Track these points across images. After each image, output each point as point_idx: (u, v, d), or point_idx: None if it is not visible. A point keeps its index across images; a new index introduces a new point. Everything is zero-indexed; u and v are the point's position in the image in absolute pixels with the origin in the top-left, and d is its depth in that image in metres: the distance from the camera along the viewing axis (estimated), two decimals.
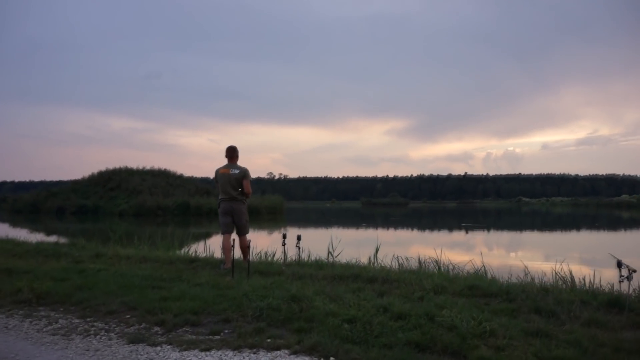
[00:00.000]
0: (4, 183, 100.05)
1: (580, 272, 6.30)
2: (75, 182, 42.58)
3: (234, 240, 5.68)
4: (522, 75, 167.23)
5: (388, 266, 6.71)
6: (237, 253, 5.90)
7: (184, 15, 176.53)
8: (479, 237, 20.68)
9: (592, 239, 19.43)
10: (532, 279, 5.73)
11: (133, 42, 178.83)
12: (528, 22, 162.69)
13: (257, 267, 6.01)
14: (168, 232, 10.88)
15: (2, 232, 14.65)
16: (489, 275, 6.12)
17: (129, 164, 45.14)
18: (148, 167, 44.73)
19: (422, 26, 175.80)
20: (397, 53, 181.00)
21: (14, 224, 26.50)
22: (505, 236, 21.67)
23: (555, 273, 5.86)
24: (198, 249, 9.02)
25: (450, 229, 25.49)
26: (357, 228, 27.74)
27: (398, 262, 7.03)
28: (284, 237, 6.45)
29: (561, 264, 6.03)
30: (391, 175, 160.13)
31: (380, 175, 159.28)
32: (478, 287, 4.75)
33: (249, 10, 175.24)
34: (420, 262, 6.77)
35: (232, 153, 6.22)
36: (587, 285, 5.31)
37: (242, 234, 6.21)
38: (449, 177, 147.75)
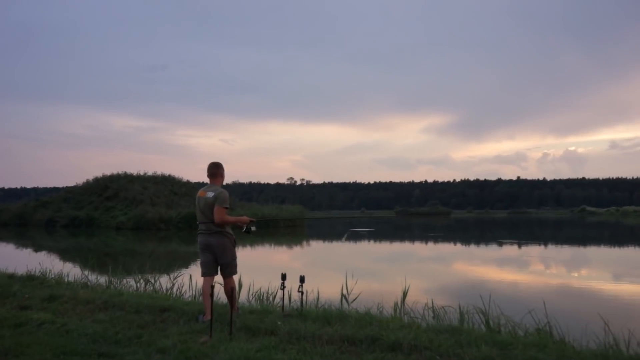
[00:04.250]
0: None
1: None
2: (68, 191, 43.12)
3: (212, 286, 5.04)
4: (587, 62, 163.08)
5: (418, 318, 5.96)
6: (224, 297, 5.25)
7: None
8: (534, 252, 19.98)
9: None
10: (616, 341, 4.85)
11: (136, 29, 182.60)
12: None
13: (247, 320, 5.34)
14: (153, 252, 10.05)
15: None
16: (555, 333, 5.26)
17: (133, 167, 45.50)
18: (150, 172, 45.04)
19: (467, 3, 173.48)
20: (437, 36, 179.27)
21: None
22: (566, 252, 20.81)
23: None
24: (185, 281, 8.41)
25: (500, 243, 24.70)
26: (391, 241, 27.16)
27: (433, 311, 6.22)
28: (283, 278, 5.81)
29: None
30: (430, 180, 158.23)
31: (417, 180, 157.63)
32: None
33: None
34: (461, 314, 5.91)
35: (213, 170, 5.68)
36: None
37: (226, 275, 5.60)
38: (499, 182, 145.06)
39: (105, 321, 5.40)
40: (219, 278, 5.61)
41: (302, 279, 5.78)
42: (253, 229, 5.79)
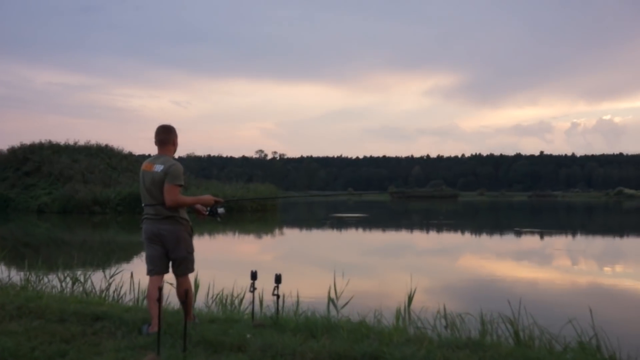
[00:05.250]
0: None
1: None
2: None
3: (161, 288, 4.81)
4: (629, 11, 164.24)
5: (428, 329, 5.83)
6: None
7: None
8: (559, 244, 20.36)
9: None
10: None
11: None
12: None
13: (206, 331, 5.18)
14: (84, 243, 9.88)
15: None
16: (603, 348, 5.17)
17: (59, 135, 44.88)
18: (82, 141, 44.47)
19: None
20: None
21: None
22: (600, 244, 21.22)
23: None
24: (125, 279, 8.21)
25: (519, 232, 25.12)
26: (384, 230, 27.33)
27: (446, 319, 6.10)
28: (253, 277, 5.67)
29: None
30: (433, 154, 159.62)
31: (417, 154, 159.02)
32: None
33: None
34: (483, 323, 5.78)
35: (162, 136, 5.46)
36: None
37: (179, 274, 5.41)
38: (518, 158, 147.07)
39: (19, 333, 5.16)
40: (169, 277, 5.45)
41: (278, 279, 5.64)
42: (221, 211, 5.57)
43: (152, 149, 5.53)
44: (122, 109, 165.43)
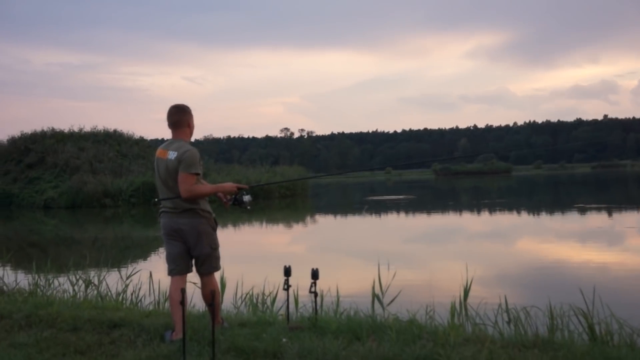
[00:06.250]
0: None
1: None
2: None
3: (184, 290, 4.79)
4: None
5: (489, 326, 5.77)
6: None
7: None
8: (631, 222, 20.20)
9: None
10: None
11: None
12: None
13: (236, 336, 5.19)
14: (96, 240, 10.03)
15: None
16: None
17: (63, 122, 45.74)
18: (88, 127, 44.91)
19: None
20: None
21: None
22: None
23: None
24: (143, 280, 8.27)
25: (583, 209, 24.85)
26: (429, 213, 27.28)
27: (508, 314, 6.05)
28: (287, 273, 5.65)
29: None
30: (481, 124, 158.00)
31: (463, 125, 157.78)
32: None
33: None
34: (551, 317, 5.68)
35: (175, 117, 5.44)
36: None
37: (204, 273, 5.40)
38: (579, 124, 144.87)
39: (29, 345, 5.24)
40: (193, 276, 5.45)
41: (314, 274, 5.60)
42: (247, 199, 5.51)
43: (166, 133, 5.51)
44: (129, 88, 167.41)
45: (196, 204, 5.28)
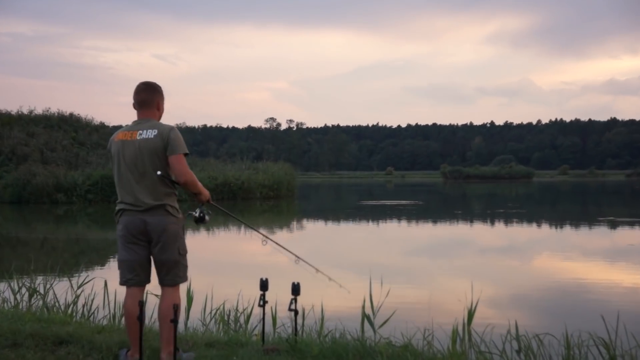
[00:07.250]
0: None
1: None
2: None
3: (142, 302, 4.78)
4: None
5: (496, 355, 5.80)
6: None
7: None
8: None
9: None
10: None
11: None
12: None
13: (203, 358, 5.24)
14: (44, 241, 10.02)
15: None
16: None
17: (10, 102, 45.30)
18: (40, 110, 44.85)
19: None
20: None
21: None
22: None
23: None
24: (97, 289, 8.24)
25: (614, 223, 25.02)
26: (435, 222, 27.39)
27: (519, 342, 6.05)
28: (263, 287, 5.70)
29: None
30: (499, 121, 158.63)
31: (478, 121, 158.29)
32: None
33: None
34: (568, 347, 5.70)
35: (144, 95, 5.29)
36: None
37: (169, 283, 5.23)
38: (613, 124, 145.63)
39: None
40: (152, 287, 5.38)
41: (295, 289, 5.63)
42: (207, 218, 5.41)
43: (132, 118, 5.38)
44: (91, 66, 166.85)
45: (166, 199, 5.14)
